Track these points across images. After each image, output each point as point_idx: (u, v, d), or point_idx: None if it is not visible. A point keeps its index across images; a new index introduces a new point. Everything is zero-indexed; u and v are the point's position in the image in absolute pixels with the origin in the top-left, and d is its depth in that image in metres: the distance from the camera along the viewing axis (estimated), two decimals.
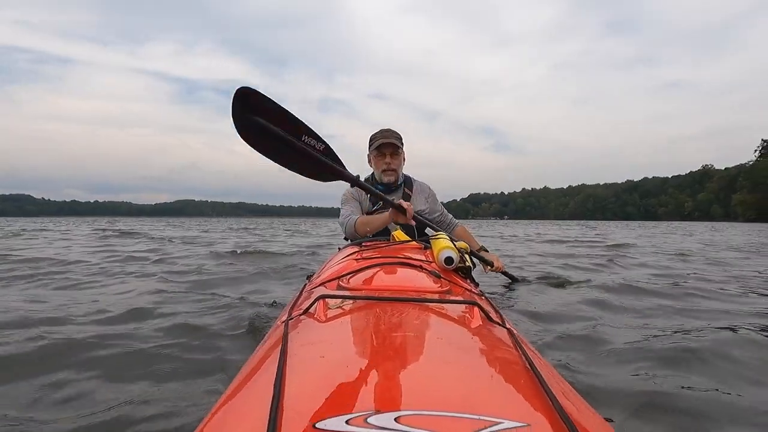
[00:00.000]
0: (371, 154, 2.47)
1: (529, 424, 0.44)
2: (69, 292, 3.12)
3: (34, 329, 1.94)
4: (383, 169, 2.43)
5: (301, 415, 0.45)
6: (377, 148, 2.41)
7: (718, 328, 2.06)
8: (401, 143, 2.44)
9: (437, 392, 0.50)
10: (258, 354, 0.75)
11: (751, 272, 4.41)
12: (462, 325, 0.78)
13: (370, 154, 2.49)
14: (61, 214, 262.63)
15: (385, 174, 2.43)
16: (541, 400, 0.50)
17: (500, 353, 0.67)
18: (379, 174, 2.45)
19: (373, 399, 0.48)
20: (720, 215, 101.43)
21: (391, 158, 2.41)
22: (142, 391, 1.36)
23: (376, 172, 2.49)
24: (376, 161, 2.45)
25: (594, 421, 0.53)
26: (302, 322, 0.81)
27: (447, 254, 1.34)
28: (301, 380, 0.54)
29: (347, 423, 0.42)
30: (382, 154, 2.42)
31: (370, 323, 0.77)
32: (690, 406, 1.28)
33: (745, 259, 5.93)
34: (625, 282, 3.44)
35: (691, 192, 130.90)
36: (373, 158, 2.47)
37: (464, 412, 0.45)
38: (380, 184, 2.47)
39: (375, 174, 2.50)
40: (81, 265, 4.58)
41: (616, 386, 1.42)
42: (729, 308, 2.57)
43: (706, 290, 3.15)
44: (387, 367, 0.57)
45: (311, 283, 1.35)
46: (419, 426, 0.42)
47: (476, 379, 0.56)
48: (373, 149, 2.44)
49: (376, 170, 2.48)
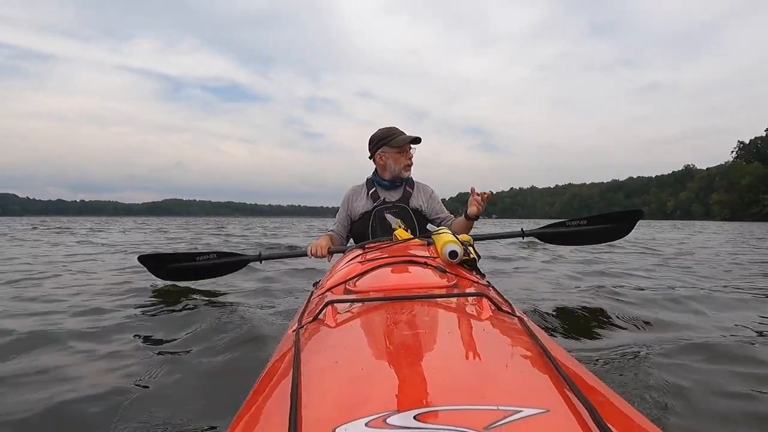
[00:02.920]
0: (388, 150, 2.43)
1: (548, 409, 0.44)
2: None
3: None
4: (405, 165, 2.45)
5: (320, 422, 0.45)
6: (400, 145, 2.41)
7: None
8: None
9: (453, 386, 0.51)
10: (271, 365, 0.74)
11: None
12: (472, 318, 0.78)
13: (383, 151, 2.44)
14: (47, 213, 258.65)
15: (405, 170, 2.45)
16: (559, 385, 0.50)
17: (513, 342, 0.67)
18: (398, 169, 2.44)
19: (390, 399, 0.48)
20: (700, 214, 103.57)
21: (411, 153, 2.46)
22: (156, 411, 1.32)
23: (392, 168, 2.45)
24: (397, 157, 2.43)
25: (615, 403, 0.52)
26: (313, 329, 0.81)
27: (451, 248, 1.34)
28: (317, 387, 0.54)
29: (367, 425, 0.43)
30: (404, 150, 2.43)
31: (380, 324, 0.77)
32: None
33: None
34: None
35: (673, 191, 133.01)
36: (391, 154, 2.43)
37: (482, 403, 0.45)
38: (385, 180, 2.49)
39: (387, 169, 2.47)
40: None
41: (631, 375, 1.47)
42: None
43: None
44: (401, 366, 0.57)
45: (318, 289, 1.34)
46: (439, 422, 0.42)
47: (491, 370, 0.56)
48: (393, 145, 2.42)
49: (395, 165, 2.44)
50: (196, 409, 1.32)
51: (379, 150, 2.45)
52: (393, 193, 2.52)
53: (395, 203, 2.46)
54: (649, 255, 6.38)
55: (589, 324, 2.15)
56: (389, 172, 2.46)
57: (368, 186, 2.54)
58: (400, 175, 2.45)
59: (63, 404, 1.34)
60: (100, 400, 1.37)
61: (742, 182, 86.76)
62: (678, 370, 1.49)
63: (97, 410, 1.31)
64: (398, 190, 2.52)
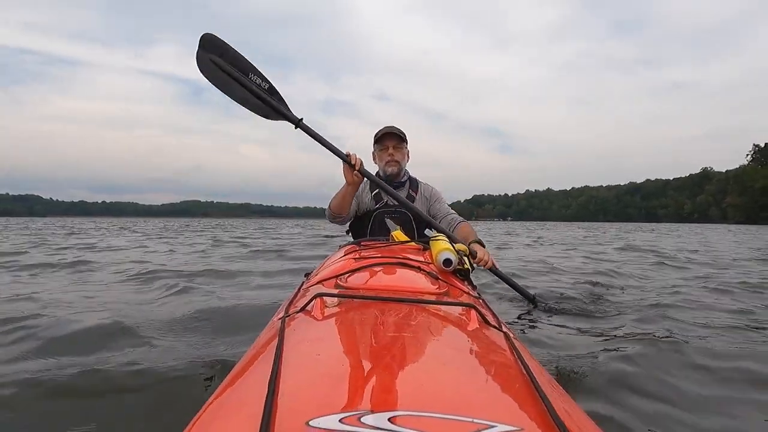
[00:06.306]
0: (374, 149, 2.47)
1: (522, 428, 0.44)
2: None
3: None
4: (386, 161, 2.41)
5: (294, 413, 0.45)
6: (379, 141, 2.42)
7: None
8: (405, 138, 2.44)
9: (432, 394, 0.51)
10: (253, 351, 0.75)
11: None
12: (458, 328, 0.78)
13: (374, 151, 2.49)
14: (69, 214, 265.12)
15: (388, 165, 2.41)
16: (535, 403, 0.51)
17: (496, 356, 0.68)
18: (382, 166, 2.44)
19: (367, 398, 0.49)
20: (717, 217, 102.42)
21: (393, 150, 2.41)
22: (132, 387, 1.36)
23: (379, 166, 2.47)
24: (380, 154, 2.44)
25: (586, 425, 0.53)
26: (299, 319, 0.81)
27: (446, 256, 1.35)
28: (296, 378, 0.54)
29: (341, 422, 0.43)
30: (384, 146, 2.42)
31: (366, 323, 0.77)
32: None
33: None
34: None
35: (691, 194, 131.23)
36: (376, 152, 2.46)
37: (458, 414, 0.45)
38: (383, 179, 2.44)
39: (379, 169, 2.48)
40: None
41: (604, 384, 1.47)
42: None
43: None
44: (382, 367, 0.57)
45: (309, 281, 1.35)
46: (413, 427, 0.42)
47: (471, 382, 0.57)
48: (375, 143, 2.45)
49: (379, 163, 2.46)
50: (173, 389, 1.34)
51: (373, 150, 2.50)
52: (396, 191, 2.45)
53: (397, 207, 2.41)
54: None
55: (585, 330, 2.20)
56: (381, 171, 2.47)
57: (371, 187, 2.48)
58: (385, 172, 2.43)
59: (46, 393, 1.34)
60: (76, 381, 1.39)
61: (756, 186, 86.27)
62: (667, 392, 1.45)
63: (74, 392, 1.33)
64: (401, 192, 2.46)
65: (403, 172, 2.48)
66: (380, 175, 2.45)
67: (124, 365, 1.54)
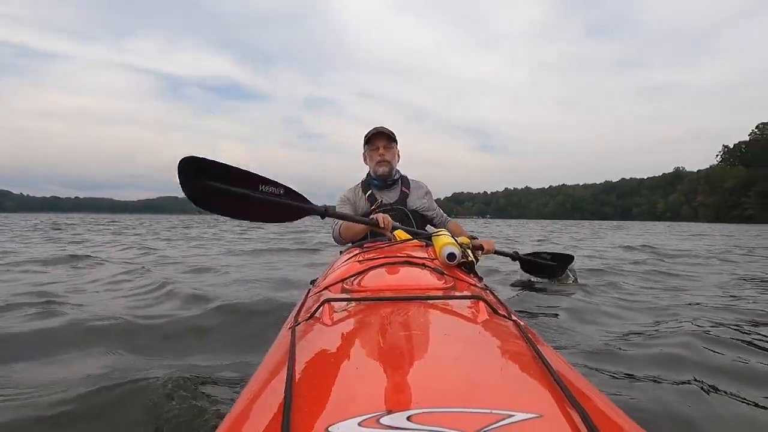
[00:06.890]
0: (365, 149, 2.47)
1: (541, 414, 0.45)
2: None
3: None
4: (377, 161, 2.41)
5: (313, 420, 0.45)
6: (369, 141, 2.41)
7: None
8: (394, 137, 2.43)
9: (447, 389, 0.51)
10: (266, 362, 0.75)
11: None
12: (468, 320, 0.78)
13: (364, 152, 2.48)
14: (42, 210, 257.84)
15: (379, 165, 2.41)
16: (552, 390, 0.51)
17: (508, 346, 0.68)
18: (373, 167, 2.43)
19: (384, 399, 0.49)
20: (689, 216, 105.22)
21: (384, 150, 2.40)
22: (150, 406, 1.32)
23: (370, 166, 2.46)
24: (370, 154, 2.44)
25: (607, 409, 0.52)
26: (309, 327, 0.81)
27: (449, 250, 1.35)
28: (311, 385, 0.55)
29: (360, 425, 0.43)
30: (375, 146, 2.41)
31: (376, 324, 0.77)
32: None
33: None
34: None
35: (664, 193, 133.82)
36: (367, 153, 2.46)
37: (475, 406, 0.45)
38: (375, 179, 2.46)
39: (370, 170, 2.48)
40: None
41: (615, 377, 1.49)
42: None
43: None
44: (396, 366, 0.58)
45: (316, 287, 1.34)
46: (431, 423, 0.43)
47: (486, 373, 0.56)
48: (365, 144, 2.44)
49: (370, 164, 2.46)
50: (190, 405, 1.32)
51: (363, 150, 2.50)
52: (389, 193, 2.48)
53: (393, 205, 2.42)
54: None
55: (586, 326, 2.21)
56: (372, 171, 2.47)
57: (364, 188, 2.49)
58: (376, 172, 2.43)
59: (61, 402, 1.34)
60: (88, 396, 1.37)
61: (725, 185, 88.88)
62: (673, 376, 1.47)
63: (84, 405, 1.32)
64: (394, 191, 2.48)
65: (394, 171, 2.48)
66: (372, 176, 2.48)
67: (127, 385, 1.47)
